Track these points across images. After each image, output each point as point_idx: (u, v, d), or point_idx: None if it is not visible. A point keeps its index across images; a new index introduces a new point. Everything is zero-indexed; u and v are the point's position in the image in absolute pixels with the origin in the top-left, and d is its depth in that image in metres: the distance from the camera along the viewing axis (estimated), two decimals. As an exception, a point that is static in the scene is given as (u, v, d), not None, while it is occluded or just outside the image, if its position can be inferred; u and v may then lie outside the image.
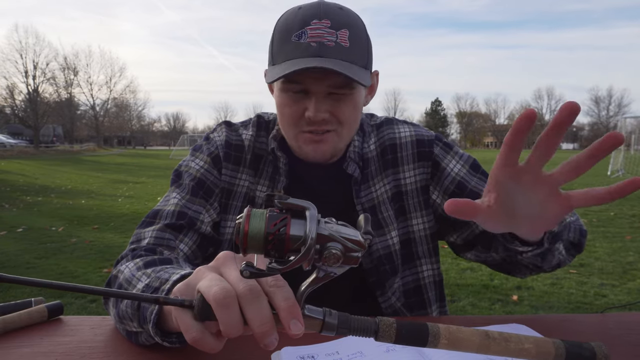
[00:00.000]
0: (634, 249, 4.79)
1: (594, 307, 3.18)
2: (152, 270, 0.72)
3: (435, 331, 0.48)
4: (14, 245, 4.96)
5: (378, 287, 0.97)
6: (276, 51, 0.87)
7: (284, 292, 0.47)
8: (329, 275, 0.46)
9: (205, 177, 0.95)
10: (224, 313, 0.46)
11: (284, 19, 0.87)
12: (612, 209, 7.34)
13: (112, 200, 8.64)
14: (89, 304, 3.20)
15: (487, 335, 0.48)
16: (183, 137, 40.63)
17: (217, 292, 0.46)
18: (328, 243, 0.44)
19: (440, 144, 1.01)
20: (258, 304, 0.46)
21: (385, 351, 0.66)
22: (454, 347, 0.48)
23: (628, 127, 18.00)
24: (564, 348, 0.48)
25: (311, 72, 0.80)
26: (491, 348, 0.48)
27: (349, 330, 0.47)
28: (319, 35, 0.81)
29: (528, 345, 0.48)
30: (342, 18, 0.84)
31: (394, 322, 0.48)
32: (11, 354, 0.68)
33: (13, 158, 25.61)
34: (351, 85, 0.85)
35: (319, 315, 0.48)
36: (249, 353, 0.69)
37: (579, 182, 12.50)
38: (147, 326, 0.62)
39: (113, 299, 0.75)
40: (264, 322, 0.46)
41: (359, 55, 0.85)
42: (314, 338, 0.71)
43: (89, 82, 59.21)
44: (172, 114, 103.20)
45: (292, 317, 0.46)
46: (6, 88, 45.83)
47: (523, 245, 0.74)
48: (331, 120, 0.87)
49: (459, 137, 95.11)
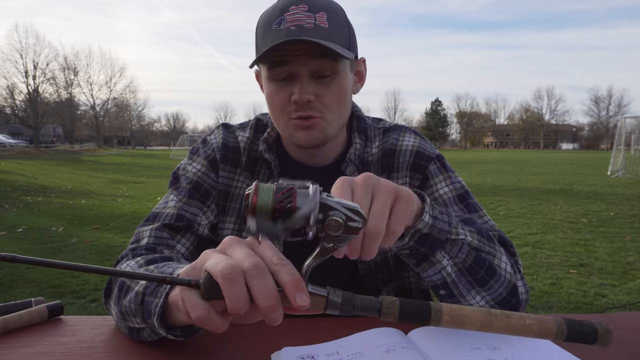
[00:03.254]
0: (634, 249, 4.79)
1: (594, 307, 3.19)
2: (154, 267, 0.73)
3: (438, 308, 0.49)
4: (14, 245, 4.96)
5: (374, 293, 0.96)
6: (259, 43, 0.87)
7: (288, 269, 0.48)
8: (331, 248, 0.48)
9: (202, 180, 0.96)
10: (230, 288, 0.47)
11: (264, 14, 0.89)
12: (612, 209, 7.35)
13: (112, 200, 8.64)
14: (89, 304, 3.20)
15: (489, 312, 0.49)
16: (183, 137, 40.62)
17: (224, 268, 0.47)
18: (330, 212, 0.47)
19: (438, 163, 0.99)
20: (263, 279, 0.48)
21: (385, 351, 0.65)
22: (457, 325, 0.49)
23: (628, 127, 18.00)
24: (565, 325, 0.49)
25: (294, 45, 0.81)
26: (493, 325, 0.49)
27: (352, 308, 0.49)
28: (298, 20, 0.83)
29: (530, 322, 0.49)
30: (319, 2, 0.86)
31: (396, 300, 0.49)
32: (11, 354, 0.68)
33: (13, 158, 25.61)
34: (335, 68, 0.86)
35: (323, 293, 0.49)
36: (249, 353, 0.69)
37: (579, 181, 12.51)
38: (151, 320, 0.62)
39: (115, 297, 0.75)
40: (270, 296, 0.47)
41: (339, 36, 0.85)
42: (314, 338, 0.71)
43: (89, 82, 59.24)
44: (172, 114, 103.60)
45: (298, 290, 0.47)
46: (6, 88, 45.86)
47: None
48: (316, 106, 0.87)
49: (459, 137, 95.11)
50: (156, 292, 0.64)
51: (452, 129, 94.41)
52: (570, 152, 60.85)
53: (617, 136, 16.76)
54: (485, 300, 0.78)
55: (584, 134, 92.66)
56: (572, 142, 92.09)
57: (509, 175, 15.35)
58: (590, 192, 10.06)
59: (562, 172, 17.03)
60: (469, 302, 0.79)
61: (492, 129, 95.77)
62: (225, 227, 0.96)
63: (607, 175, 14.66)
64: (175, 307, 0.59)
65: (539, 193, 9.85)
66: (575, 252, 4.69)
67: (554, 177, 14.54)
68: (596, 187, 11.18)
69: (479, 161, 26.75)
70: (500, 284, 0.79)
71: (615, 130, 21.99)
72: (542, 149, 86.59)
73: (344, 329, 0.73)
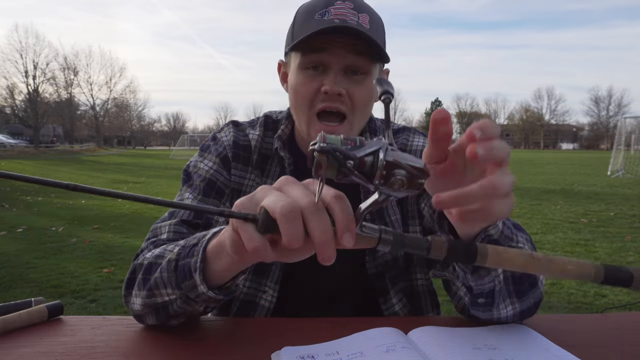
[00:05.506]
0: (634, 249, 4.79)
1: (594, 307, 3.18)
2: (184, 241, 0.74)
3: (484, 252, 0.50)
4: (14, 245, 4.95)
5: (382, 294, 0.97)
6: (297, 30, 0.87)
7: (343, 205, 0.49)
8: (388, 198, 0.49)
9: (215, 178, 0.95)
10: (289, 224, 0.48)
11: (306, 4, 0.89)
12: (612, 209, 7.35)
13: (112, 200, 8.63)
14: (89, 304, 3.20)
15: (532, 256, 0.50)
16: (183, 137, 40.67)
17: (284, 206, 0.48)
18: (394, 169, 0.46)
19: None
20: (320, 216, 0.49)
21: (385, 351, 0.65)
22: (499, 265, 0.50)
23: (628, 127, 18.00)
24: (603, 270, 0.50)
25: (338, 36, 0.81)
26: (534, 267, 0.50)
27: (403, 245, 0.50)
28: (343, 14, 0.83)
29: (570, 267, 0.50)
30: (364, 4, 0.88)
31: (445, 241, 0.50)
32: (11, 354, 0.68)
33: (13, 158, 25.61)
34: (368, 68, 0.86)
35: (375, 233, 0.50)
36: (249, 353, 0.69)
37: (579, 181, 12.51)
38: (187, 282, 0.66)
39: (139, 282, 0.75)
40: (325, 232, 0.49)
41: (378, 39, 0.86)
42: (314, 338, 0.71)
43: (89, 82, 59.18)
44: (172, 114, 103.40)
45: (347, 230, 0.48)
46: (6, 88, 45.90)
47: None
48: (346, 101, 0.87)
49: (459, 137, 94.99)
50: (192, 252, 0.67)
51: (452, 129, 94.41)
52: (570, 152, 60.86)
53: (617, 136, 16.77)
54: (514, 310, 0.75)
55: (584, 134, 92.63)
56: (572, 142, 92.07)
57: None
58: (590, 192, 10.06)
59: (562, 172, 17.03)
60: (500, 311, 0.75)
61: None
62: None
63: (607, 175, 14.66)
64: (215, 257, 0.63)
65: (539, 193, 9.85)
66: (576, 252, 4.69)
67: (554, 177, 14.54)
68: (596, 187, 11.18)
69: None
70: (534, 295, 0.77)
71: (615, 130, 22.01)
72: (542, 149, 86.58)
73: (344, 329, 0.73)
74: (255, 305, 0.95)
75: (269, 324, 0.82)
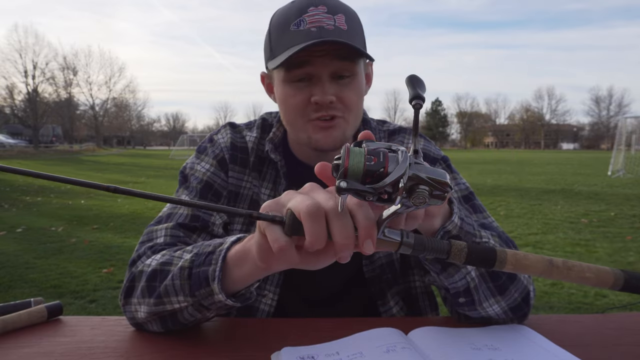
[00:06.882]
0: (635, 249, 4.78)
1: (595, 307, 3.18)
2: (192, 247, 0.73)
3: (503, 257, 0.51)
4: (13, 245, 4.95)
5: (380, 297, 0.97)
6: (275, 44, 0.87)
7: (366, 212, 0.51)
8: (408, 209, 0.50)
9: (212, 180, 0.95)
10: (313, 225, 0.50)
11: (279, 13, 0.88)
12: (612, 209, 7.34)
13: (111, 201, 8.63)
14: (89, 304, 3.20)
15: (551, 263, 0.51)
16: (183, 137, 40.58)
17: (310, 206, 0.50)
18: (418, 185, 0.47)
19: (443, 164, 1.00)
20: (344, 219, 0.51)
21: (385, 351, 0.65)
22: (518, 271, 0.51)
23: (628, 127, 17.98)
24: (623, 277, 0.50)
25: (318, 47, 0.81)
26: (553, 274, 0.51)
27: (424, 249, 0.52)
28: (318, 21, 0.82)
29: (589, 275, 0.50)
30: (337, 4, 0.86)
31: (465, 246, 0.51)
32: (11, 354, 0.68)
33: (12, 158, 25.59)
34: (354, 69, 0.86)
35: (397, 237, 0.52)
36: (249, 353, 0.68)
37: (580, 181, 12.50)
38: (203, 290, 0.66)
39: (142, 290, 0.74)
40: (347, 236, 0.50)
41: (357, 38, 0.86)
42: (314, 338, 0.71)
43: (89, 82, 59.25)
44: (172, 114, 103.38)
45: (368, 237, 0.50)
46: (5, 88, 45.90)
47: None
48: (338, 106, 0.87)
49: (459, 137, 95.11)
50: (209, 260, 0.67)
51: (453, 129, 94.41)
52: (570, 152, 60.87)
53: (618, 136, 16.75)
54: (501, 307, 0.78)
55: (585, 134, 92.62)
56: (572, 142, 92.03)
57: (509, 175, 15.35)
58: (590, 192, 10.06)
59: (562, 172, 17.03)
60: (486, 309, 0.77)
61: (493, 128, 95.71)
62: (234, 228, 0.95)
63: (607, 175, 14.66)
64: (236, 265, 0.64)
65: (539, 193, 9.85)
66: (576, 252, 4.69)
67: (554, 177, 14.54)
68: (597, 187, 11.17)
69: (480, 161, 26.74)
70: (517, 289, 0.78)
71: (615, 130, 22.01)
72: (542, 148, 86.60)
73: (344, 329, 0.73)
74: (255, 310, 0.95)
75: (269, 325, 0.82)
